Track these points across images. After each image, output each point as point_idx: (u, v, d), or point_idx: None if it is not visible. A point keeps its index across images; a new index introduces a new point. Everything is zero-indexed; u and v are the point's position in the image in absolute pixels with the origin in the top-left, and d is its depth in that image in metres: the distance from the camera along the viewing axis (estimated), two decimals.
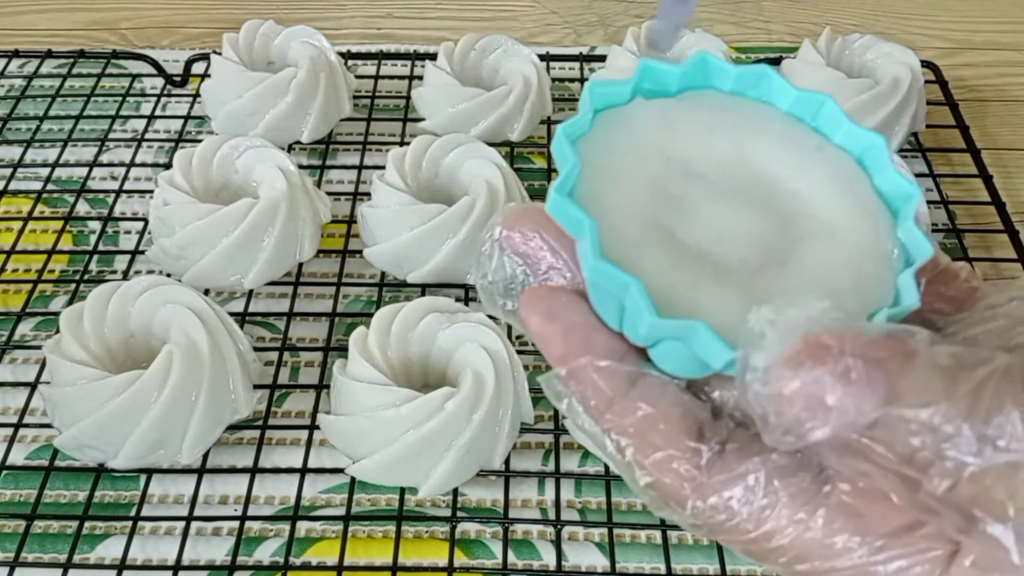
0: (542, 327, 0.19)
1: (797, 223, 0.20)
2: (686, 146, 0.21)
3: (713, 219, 0.20)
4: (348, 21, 0.76)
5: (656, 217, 0.19)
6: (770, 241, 0.20)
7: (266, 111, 0.58)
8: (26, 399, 0.47)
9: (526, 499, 0.44)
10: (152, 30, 0.74)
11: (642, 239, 0.19)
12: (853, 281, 0.19)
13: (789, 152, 0.21)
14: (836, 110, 0.21)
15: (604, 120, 0.21)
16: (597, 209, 0.19)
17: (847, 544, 0.17)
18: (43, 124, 0.63)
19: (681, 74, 0.22)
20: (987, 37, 0.75)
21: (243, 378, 0.44)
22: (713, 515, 0.18)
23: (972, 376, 0.15)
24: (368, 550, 0.42)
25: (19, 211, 0.57)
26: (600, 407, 0.19)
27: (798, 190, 0.21)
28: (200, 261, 0.49)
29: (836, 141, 0.21)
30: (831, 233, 0.20)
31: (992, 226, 0.57)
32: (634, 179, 0.20)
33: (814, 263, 0.19)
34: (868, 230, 0.20)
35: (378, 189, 0.51)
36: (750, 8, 0.78)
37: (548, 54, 0.68)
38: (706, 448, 0.18)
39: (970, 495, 0.15)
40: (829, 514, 0.17)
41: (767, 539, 0.17)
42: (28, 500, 0.44)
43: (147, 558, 0.42)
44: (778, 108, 0.22)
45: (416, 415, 0.40)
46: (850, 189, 0.21)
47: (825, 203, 0.20)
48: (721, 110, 0.22)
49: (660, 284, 0.18)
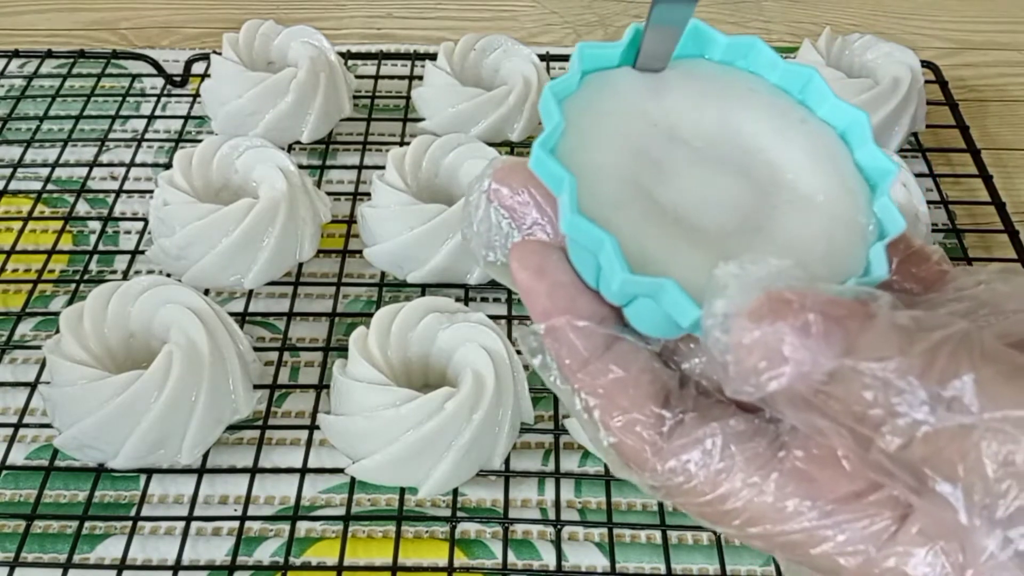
0: (530, 282, 0.20)
1: (775, 192, 0.20)
2: (672, 112, 0.21)
3: (693, 184, 0.20)
4: (348, 21, 0.76)
5: (636, 178, 0.20)
6: (747, 208, 0.20)
7: (266, 111, 0.58)
8: (26, 399, 0.47)
9: (526, 499, 0.44)
10: (152, 30, 0.74)
11: (620, 198, 0.19)
12: (825, 250, 0.19)
13: (773, 123, 0.21)
14: (822, 84, 0.21)
15: (592, 82, 0.21)
16: (579, 167, 0.19)
17: (798, 508, 0.17)
18: (43, 124, 0.63)
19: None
20: (987, 37, 0.75)
21: (243, 378, 0.44)
22: (671, 478, 0.18)
23: (929, 337, 0.16)
24: (368, 550, 0.42)
25: (19, 211, 0.57)
26: (573, 366, 0.19)
27: (779, 160, 0.21)
28: (200, 261, 0.49)
29: (820, 115, 0.22)
30: (808, 203, 0.20)
31: (992, 226, 0.57)
32: (617, 140, 0.20)
33: (788, 231, 0.20)
34: (844, 202, 0.20)
35: (378, 189, 0.51)
36: (750, 8, 0.78)
37: (548, 54, 0.68)
38: (670, 415, 0.18)
39: (922, 455, 0.15)
40: (782, 479, 0.17)
41: (721, 502, 0.18)
42: (28, 500, 0.44)
43: (147, 558, 0.42)
44: (765, 80, 0.22)
45: (416, 415, 0.40)
46: (830, 162, 0.21)
47: (804, 174, 0.21)
48: (709, 79, 0.22)
49: (635, 242, 0.19)
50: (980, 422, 0.15)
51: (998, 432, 0.15)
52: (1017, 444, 0.15)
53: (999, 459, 0.15)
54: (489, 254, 0.21)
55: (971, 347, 0.15)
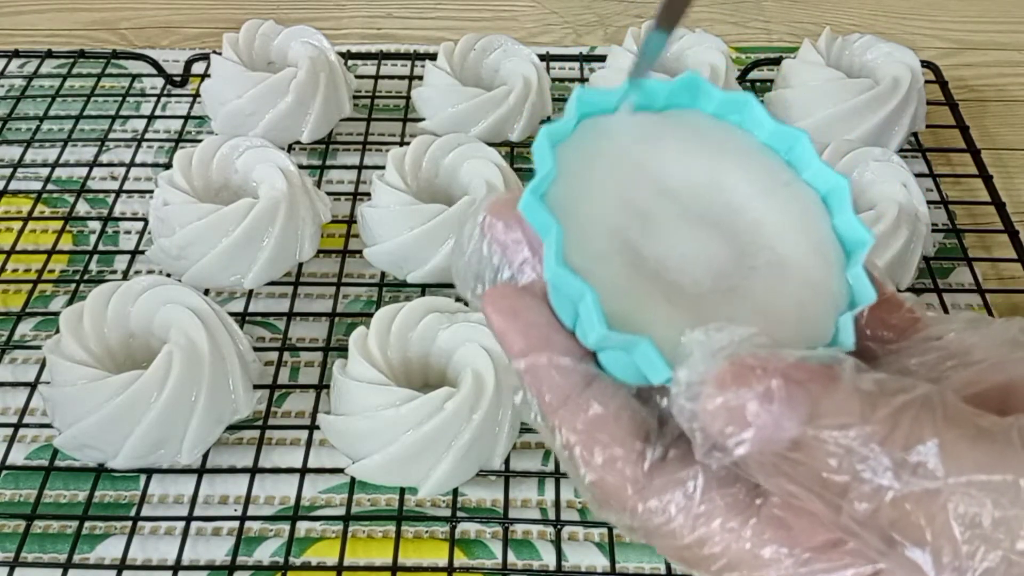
0: (504, 324, 0.20)
1: (754, 253, 0.21)
2: (663, 164, 0.21)
3: (677, 239, 0.20)
4: (348, 21, 0.76)
5: (622, 230, 0.20)
6: (725, 267, 0.20)
7: (266, 111, 0.58)
8: (26, 399, 0.47)
9: (526, 499, 0.44)
10: (152, 30, 0.74)
11: (604, 249, 0.20)
12: (796, 315, 0.20)
13: (760, 184, 0.22)
14: (809, 147, 0.22)
15: (587, 127, 0.21)
16: (567, 214, 0.19)
17: (775, 555, 0.17)
18: (43, 124, 0.63)
19: (669, 91, 0.22)
20: (987, 37, 0.75)
21: (243, 378, 0.44)
22: (651, 518, 0.18)
23: (892, 402, 0.16)
24: (368, 550, 0.42)
25: (19, 211, 0.57)
26: (554, 403, 0.19)
27: (761, 221, 0.21)
28: (200, 261, 0.49)
29: (805, 177, 0.22)
30: (783, 267, 0.20)
31: (992, 226, 0.57)
32: (607, 189, 0.20)
33: (762, 293, 0.20)
34: (819, 268, 0.20)
35: (378, 189, 0.51)
36: (750, 8, 0.78)
37: (548, 54, 0.68)
38: (651, 452, 0.19)
39: (890, 519, 0.16)
40: (759, 525, 0.18)
41: (700, 545, 0.18)
42: (28, 500, 0.44)
43: (147, 558, 0.42)
44: (755, 137, 0.22)
45: (416, 415, 0.40)
46: (810, 226, 0.21)
47: (784, 237, 0.21)
48: (701, 132, 0.22)
49: (615, 296, 0.19)
50: (945, 487, 0.15)
51: (964, 496, 0.15)
52: (983, 507, 0.15)
53: (966, 522, 0.15)
54: (478, 287, 0.22)
55: (934, 411, 0.16)
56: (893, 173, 0.52)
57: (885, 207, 0.50)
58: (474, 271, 0.22)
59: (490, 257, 0.21)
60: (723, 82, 0.59)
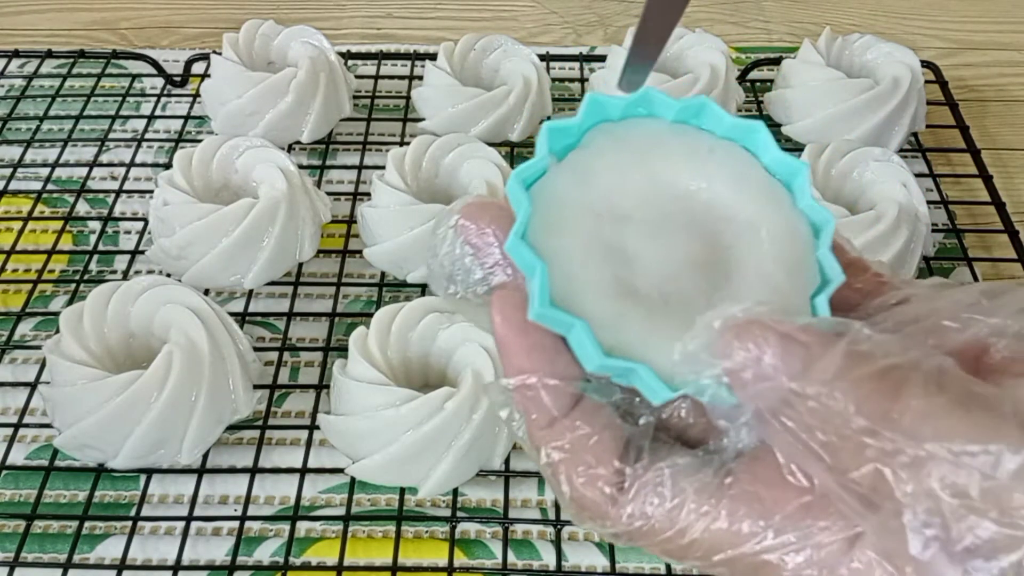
0: (513, 338, 0.20)
1: (722, 230, 0.21)
2: (605, 194, 0.21)
3: (653, 256, 0.21)
4: (348, 21, 0.76)
5: (603, 262, 0.20)
6: (709, 258, 0.21)
7: (266, 111, 0.58)
8: (26, 399, 0.47)
9: (526, 499, 0.44)
10: (152, 30, 0.74)
11: (593, 281, 0.20)
12: (786, 267, 0.20)
13: (687, 162, 0.22)
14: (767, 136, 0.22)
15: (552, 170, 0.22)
16: (549, 252, 0.20)
17: (752, 528, 0.18)
18: (43, 124, 0.63)
19: (625, 105, 0.22)
20: (987, 37, 0.75)
21: (243, 378, 0.44)
22: (632, 523, 0.19)
23: (880, 362, 0.16)
24: (368, 550, 0.42)
25: (19, 211, 0.57)
26: (540, 423, 0.20)
27: (710, 198, 0.22)
28: (200, 261, 0.49)
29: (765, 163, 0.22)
30: (751, 228, 0.21)
31: (992, 226, 0.57)
32: (577, 233, 0.21)
33: (750, 262, 0.20)
34: (793, 252, 0.21)
35: (378, 189, 0.51)
36: (750, 8, 0.78)
37: (548, 54, 0.68)
38: (629, 469, 0.19)
39: (871, 484, 0.16)
40: (732, 504, 0.18)
41: (681, 536, 0.18)
42: (28, 500, 0.44)
43: (147, 558, 0.42)
44: (663, 120, 0.23)
45: (416, 415, 0.40)
46: (747, 179, 0.22)
47: (734, 201, 0.21)
48: (619, 143, 0.22)
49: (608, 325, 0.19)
50: (932, 453, 0.15)
51: (951, 464, 0.15)
52: (971, 476, 0.15)
53: (954, 491, 0.15)
54: (450, 287, 0.22)
55: (926, 374, 0.16)
56: (893, 173, 0.52)
57: (885, 207, 0.50)
58: (447, 272, 0.22)
59: (462, 258, 0.22)
60: (723, 82, 0.59)
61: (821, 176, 0.53)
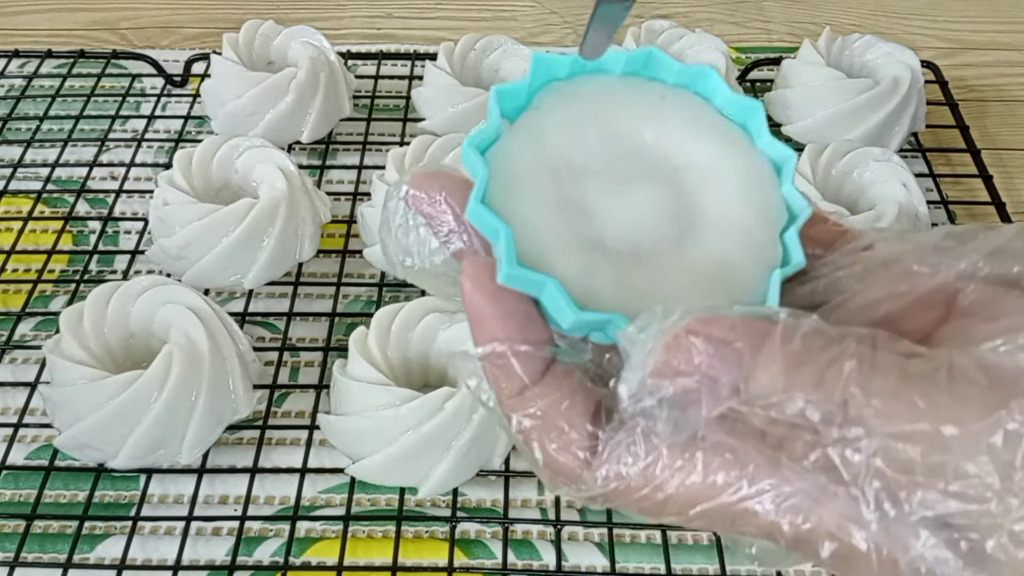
0: (485, 306, 0.20)
1: (683, 176, 0.21)
2: (559, 150, 0.21)
3: (618, 211, 0.21)
4: (348, 21, 0.76)
5: (568, 223, 0.20)
6: (673, 205, 0.21)
7: (266, 111, 0.58)
8: (26, 399, 0.47)
9: (526, 499, 0.44)
10: (152, 30, 0.74)
11: (558, 243, 0.20)
12: (731, 272, 0.20)
13: (640, 112, 0.22)
14: (762, 119, 0.22)
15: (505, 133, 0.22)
16: (511, 215, 0.20)
17: (726, 480, 0.18)
18: (43, 124, 0.63)
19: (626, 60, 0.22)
20: (987, 37, 0.75)
21: (243, 378, 0.44)
22: (607, 484, 0.19)
23: (819, 359, 0.17)
24: (368, 550, 0.42)
25: (19, 211, 0.57)
26: (511, 390, 0.20)
27: (667, 145, 0.22)
28: (200, 261, 0.49)
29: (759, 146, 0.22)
30: (712, 171, 0.21)
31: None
32: (536, 192, 0.21)
33: (715, 206, 0.21)
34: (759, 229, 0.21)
35: (378, 189, 0.51)
36: (750, 8, 0.78)
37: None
38: (602, 433, 0.19)
39: (823, 467, 0.17)
40: (706, 456, 0.18)
41: (657, 492, 0.19)
42: (28, 500, 0.43)
43: (147, 558, 0.42)
44: (612, 73, 0.22)
45: (416, 415, 0.40)
46: (702, 123, 0.22)
47: (692, 147, 0.21)
48: (570, 100, 0.22)
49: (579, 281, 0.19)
50: (874, 437, 0.16)
51: (891, 445, 0.16)
52: (913, 455, 0.16)
53: (898, 468, 0.16)
54: (406, 259, 0.22)
55: (862, 364, 0.17)
56: (893, 173, 0.52)
57: (885, 207, 0.50)
58: (402, 245, 0.22)
59: (416, 228, 0.22)
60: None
61: (821, 176, 0.53)
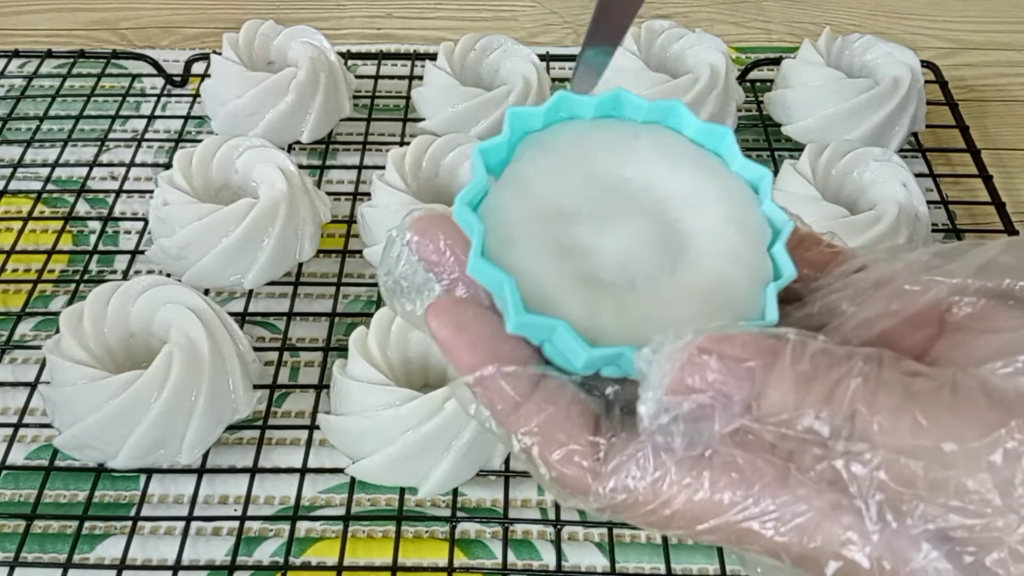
0: (451, 338, 0.20)
1: (666, 207, 0.22)
2: (548, 199, 0.22)
3: (610, 246, 0.21)
4: (348, 21, 0.76)
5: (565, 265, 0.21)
6: (662, 235, 0.21)
7: (266, 111, 0.58)
8: (26, 399, 0.47)
9: (526, 499, 0.44)
10: (152, 30, 0.74)
11: (559, 286, 0.20)
12: (727, 293, 0.21)
13: (616, 152, 0.23)
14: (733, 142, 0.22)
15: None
16: (511, 265, 0.20)
17: (733, 499, 0.18)
18: (43, 124, 0.63)
19: (596, 104, 0.23)
20: (987, 37, 0.75)
21: (243, 378, 0.44)
22: (614, 496, 0.19)
23: (828, 377, 0.17)
24: (368, 550, 0.42)
25: (19, 211, 0.57)
26: (506, 411, 0.20)
27: (646, 180, 0.22)
28: (200, 261, 0.49)
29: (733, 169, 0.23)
30: (693, 198, 0.22)
31: (992, 226, 0.57)
32: (531, 241, 0.21)
33: (702, 229, 0.21)
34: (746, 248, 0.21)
35: (378, 189, 0.51)
36: (750, 8, 0.78)
37: (548, 54, 0.68)
38: (603, 440, 0.20)
39: (830, 481, 0.18)
40: (713, 474, 0.19)
41: (664, 507, 0.19)
42: (28, 500, 0.43)
43: (147, 558, 0.42)
44: (584, 118, 0.23)
45: (416, 415, 0.40)
46: (677, 155, 0.22)
47: (670, 179, 0.22)
48: (548, 149, 0.22)
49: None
50: (879, 452, 0.17)
51: (895, 460, 0.17)
52: (915, 471, 0.17)
53: (901, 483, 0.17)
54: (405, 304, 0.22)
55: (867, 380, 0.17)
56: (893, 173, 0.52)
57: (885, 207, 0.50)
58: (402, 289, 0.22)
59: (417, 275, 0.22)
60: (723, 82, 0.59)
61: (821, 176, 0.53)
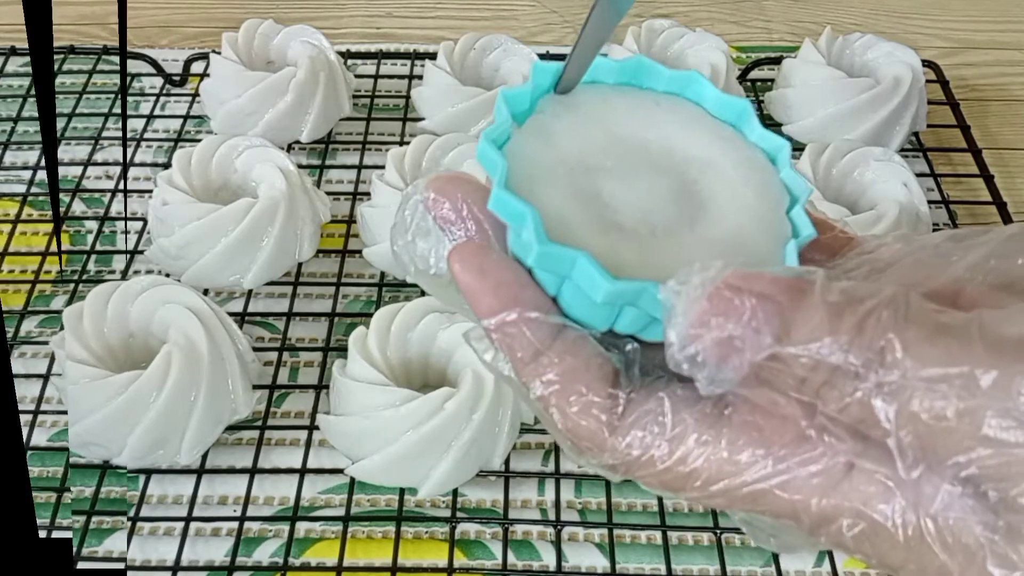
0: (474, 282, 0.20)
1: (685, 168, 0.22)
2: (571, 151, 0.22)
3: (632, 198, 0.21)
4: (348, 21, 0.76)
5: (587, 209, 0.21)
6: (682, 192, 0.22)
7: (265, 111, 0.58)
8: (40, 389, 0.47)
9: (526, 499, 0.44)
10: (151, 29, 0.74)
11: (581, 225, 0.20)
12: (748, 248, 0.21)
13: (638, 115, 0.23)
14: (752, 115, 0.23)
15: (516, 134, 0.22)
16: (533, 203, 0.20)
17: (752, 458, 0.18)
18: (25, 124, 0.63)
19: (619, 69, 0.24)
20: (988, 36, 0.75)
21: (242, 378, 0.44)
22: (630, 452, 0.19)
23: (857, 309, 0.17)
24: (368, 551, 0.42)
25: (6, 214, 0.57)
26: (526, 358, 0.20)
27: (667, 144, 0.23)
28: (199, 261, 0.49)
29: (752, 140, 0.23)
30: (713, 162, 0.22)
31: (993, 226, 0.57)
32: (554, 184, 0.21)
33: (721, 190, 0.22)
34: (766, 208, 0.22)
35: (378, 189, 0.51)
36: (751, 7, 0.78)
37: (548, 53, 0.68)
38: (622, 394, 0.19)
39: (859, 416, 0.17)
40: (732, 433, 0.18)
41: (680, 464, 0.19)
42: (56, 476, 0.44)
43: (146, 559, 0.42)
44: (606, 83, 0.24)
45: (416, 415, 0.40)
46: (696, 123, 0.23)
47: (690, 144, 0.23)
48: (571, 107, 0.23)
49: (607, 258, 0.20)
50: (908, 382, 0.16)
51: (927, 390, 0.16)
52: (947, 400, 0.16)
53: (931, 415, 0.16)
54: (419, 264, 0.22)
55: (897, 311, 0.17)
56: (894, 173, 0.52)
57: (886, 207, 0.50)
58: (417, 250, 0.22)
59: (432, 234, 0.22)
60: (724, 81, 0.59)
61: (822, 176, 0.53)
